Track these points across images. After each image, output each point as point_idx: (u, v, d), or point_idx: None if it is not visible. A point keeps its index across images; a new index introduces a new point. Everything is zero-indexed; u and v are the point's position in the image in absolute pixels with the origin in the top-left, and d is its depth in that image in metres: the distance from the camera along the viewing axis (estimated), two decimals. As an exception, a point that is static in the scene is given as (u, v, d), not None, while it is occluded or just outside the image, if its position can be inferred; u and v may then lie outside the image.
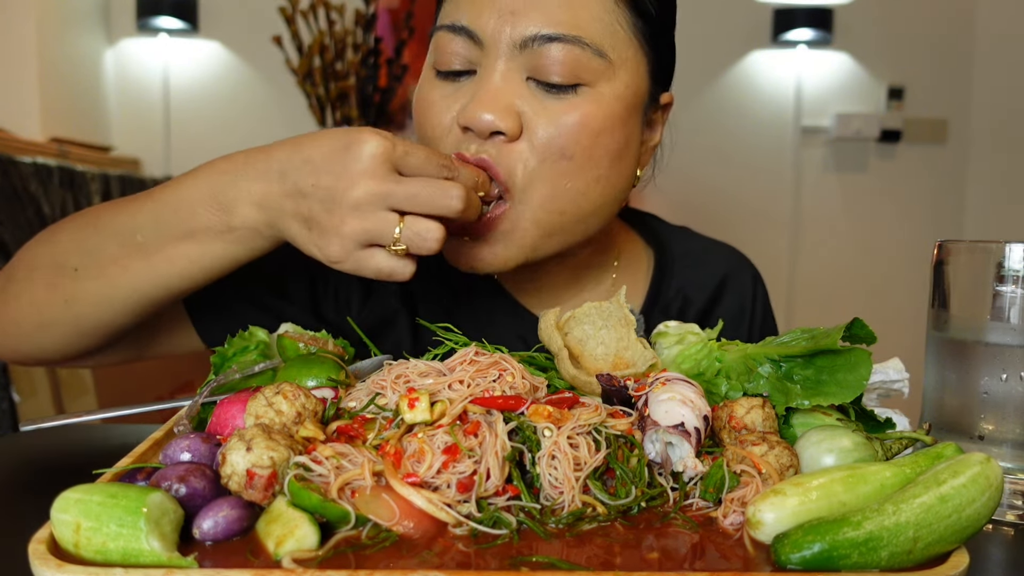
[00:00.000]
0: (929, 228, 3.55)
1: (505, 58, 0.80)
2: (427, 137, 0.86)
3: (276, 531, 0.49)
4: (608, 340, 0.79)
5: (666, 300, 1.03)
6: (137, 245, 0.76)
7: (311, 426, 0.59)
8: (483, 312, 1.00)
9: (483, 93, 0.80)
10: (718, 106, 3.47)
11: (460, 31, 0.82)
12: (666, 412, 0.60)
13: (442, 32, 0.83)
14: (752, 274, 1.10)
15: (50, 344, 0.83)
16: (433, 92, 0.85)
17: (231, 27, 3.37)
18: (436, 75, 0.85)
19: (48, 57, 2.88)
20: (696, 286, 1.05)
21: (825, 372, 0.66)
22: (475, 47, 0.82)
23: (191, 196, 0.75)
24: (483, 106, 0.79)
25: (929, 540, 0.49)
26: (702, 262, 1.07)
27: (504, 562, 0.48)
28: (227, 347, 0.80)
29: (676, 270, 1.05)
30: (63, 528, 0.47)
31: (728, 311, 1.05)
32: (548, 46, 0.79)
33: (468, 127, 0.80)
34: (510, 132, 0.79)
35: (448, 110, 0.83)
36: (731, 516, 0.55)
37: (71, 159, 2.69)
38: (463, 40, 0.82)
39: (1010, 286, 0.67)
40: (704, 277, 1.05)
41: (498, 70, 0.80)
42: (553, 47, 0.79)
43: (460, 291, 1.01)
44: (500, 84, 0.80)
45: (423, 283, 1.00)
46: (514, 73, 0.81)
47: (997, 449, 0.68)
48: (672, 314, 1.02)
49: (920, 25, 3.48)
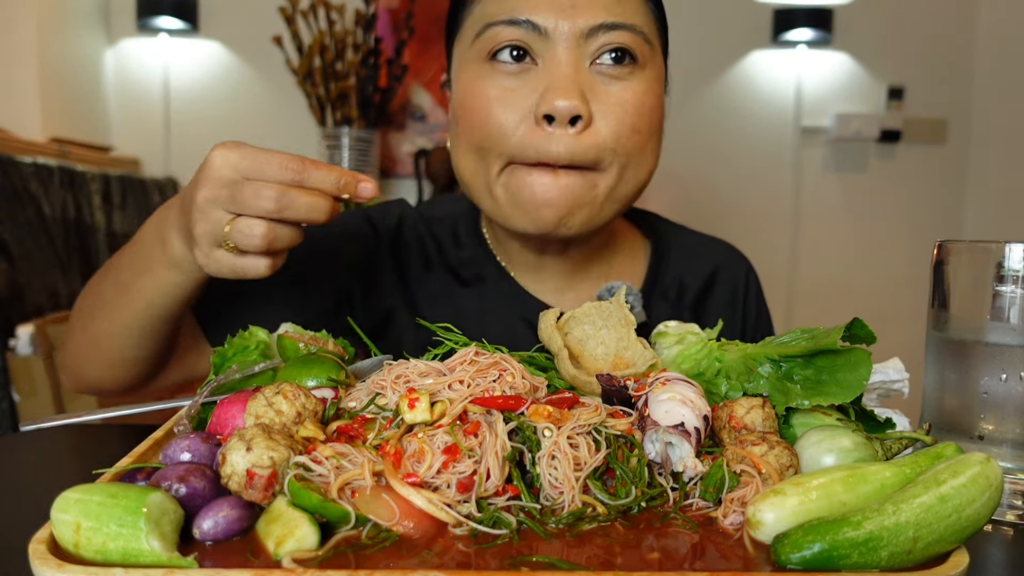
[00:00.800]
0: (929, 228, 3.55)
1: (570, 47, 0.87)
2: (489, 136, 0.89)
3: (276, 531, 0.49)
4: (608, 340, 0.79)
5: (663, 286, 1.09)
6: (121, 284, 0.86)
7: (311, 426, 0.59)
8: (489, 297, 1.05)
9: (560, 80, 0.86)
10: (718, 106, 3.47)
11: (522, 24, 0.87)
12: (666, 412, 0.60)
13: (500, 26, 0.88)
14: (745, 266, 1.17)
15: (96, 376, 0.93)
16: (493, 88, 0.89)
17: (231, 27, 3.37)
18: (492, 71, 0.89)
19: (48, 57, 2.88)
20: (691, 274, 1.11)
21: (825, 372, 0.66)
22: (537, 38, 0.88)
23: (148, 235, 0.84)
24: (563, 92, 0.85)
25: (929, 540, 0.49)
26: (697, 253, 1.14)
27: (504, 562, 0.48)
28: (227, 347, 0.80)
29: (672, 259, 1.12)
30: (63, 528, 0.47)
31: (721, 298, 1.12)
32: (611, 33, 0.87)
33: (550, 115, 0.85)
34: (587, 116, 0.87)
35: (514, 103, 0.88)
36: (731, 516, 0.55)
37: (71, 159, 2.69)
38: (523, 32, 0.88)
39: (1010, 286, 0.67)
40: (698, 266, 1.12)
41: (565, 59, 0.87)
42: (616, 34, 0.88)
43: (467, 280, 1.06)
44: (571, 72, 0.87)
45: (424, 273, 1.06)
46: (580, 61, 0.88)
47: (997, 449, 0.68)
48: (670, 298, 1.09)
49: (920, 25, 3.48)
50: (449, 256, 1.07)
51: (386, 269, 1.06)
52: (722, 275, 1.13)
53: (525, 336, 1.02)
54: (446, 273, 1.06)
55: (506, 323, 1.04)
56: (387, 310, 1.05)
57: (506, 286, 1.05)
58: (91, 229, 2.63)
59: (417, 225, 1.09)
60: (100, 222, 2.69)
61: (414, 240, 1.07)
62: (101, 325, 0.88)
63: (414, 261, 1.06)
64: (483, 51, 0.90)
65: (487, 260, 1.07)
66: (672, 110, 1.00)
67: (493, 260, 1.07)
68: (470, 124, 0.91)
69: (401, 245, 1.07)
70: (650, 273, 1.10)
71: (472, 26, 0.92)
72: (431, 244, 1.08)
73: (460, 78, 0.93)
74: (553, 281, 1.06)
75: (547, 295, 1.06)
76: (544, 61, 0.88)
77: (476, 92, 0.90)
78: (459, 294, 1.05)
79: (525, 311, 1.04)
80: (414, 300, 1.05)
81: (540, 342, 0.79)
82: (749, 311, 1.14)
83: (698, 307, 1.11)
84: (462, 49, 0.94)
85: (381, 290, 1.05)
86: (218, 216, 0.71)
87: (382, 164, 3.35)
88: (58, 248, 2.41)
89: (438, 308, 1.04)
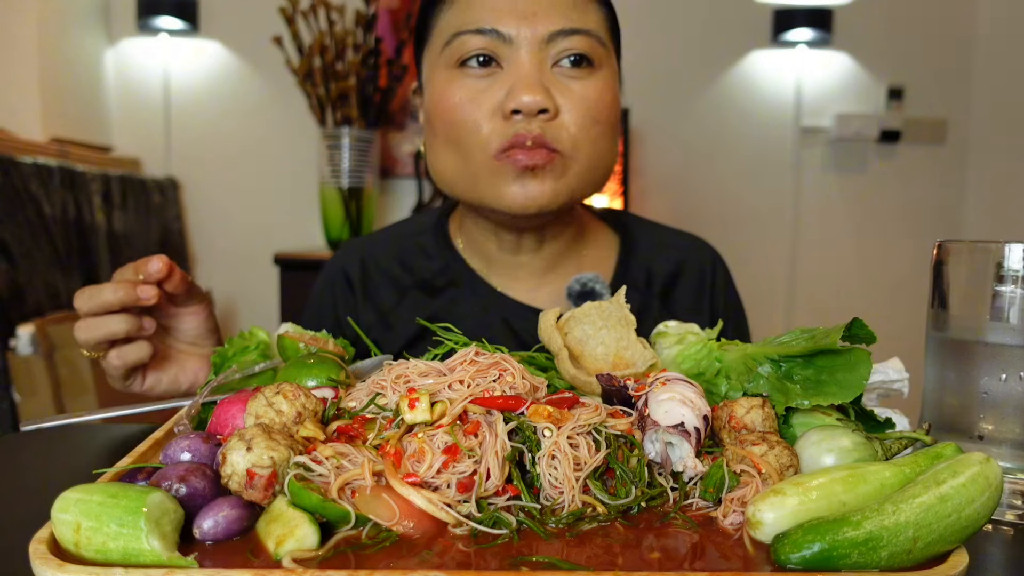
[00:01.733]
0: (929, 228, 3.55)
1: (533, 51, 0.95)
2: (468, 133, 0.97)
3: (276, 531, 0.49)
4: (608, 340, 0.79)
5: (632, 277, 1.15)
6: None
7: (311, 426, 0.59)
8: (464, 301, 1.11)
9: (524, 79, 0.94)
10: (718, 106, 3.47)
11: (487, 32, 0.95)
12: (666, 412, 0.60)
13: (468, 35, 0.96)
14: (711, 255, 1.22)
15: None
16: (462, 90, 0.97)
17: (231, 27, 3.37)
18: (461, 75, 0.97)
19: (48, 57, 2.88)
20: (658, 264, 1.17)
21: (825, 372, 0.66)
22: (502, 45, 0.95)
23: None
24: (528, 89, 0.93)
25: (929, 540, 0.49)
26: (664, 245, 1.20)
27: (504, 562, 0.48)
28: (227, 347, 0.80)
29: (640, 251, 1.17)
30: (63, 528, 0.47)
31: (689, 286, 1.17)
32: (570, 38, 0.96)
33: (517, 110, 0.93)
34: (552, 109, 0.94)
35: (484, 103, 0.96)
36: (731, 516, 0.55)
37: (71, 159, 2.69)
38: (488, 40, 0.95)
39: (1009, 286, 0.67)
40: (666, 256, 1.18)
41: (529, 61, 0.95)
42: (574, 38, 0.96)
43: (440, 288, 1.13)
44: (534, 72, 0.95)
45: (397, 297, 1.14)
46: (542, 63, 0.96)
47: (997, 449, 0.68)
48: (639, 287, 1.15)
49: (920, 25, 3.47)
50: (418, 271, 1.14)
51: (365, 311, 1.14)
52: (689, 264, 1.19)
53: (503, 335, 1.07)
54: (417, 291, 1.13)
55: (483, 324, 1.08)
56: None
57: (480, 289, 1.11)
58: (91, 229, 2.63)
59: (378, 258, 1.16)
60: (100, 222, 2.69)
61: (379, 273, 1.15)
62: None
63: (386, 295, 1.14)
64: (452, 58, 0.97)
65: (459, 267, 1.12)
66: (672, 110, 1.02)
67: (464, 266, 1.12)
68: (444, 123, 0.98)
69: (371, 284, 1.15)
70: (619, 265, 1.15)
71: (440, 35, 0.99)
72: (398, 269, 1.15)
73: (432, 83, 1.01)
74: (528, 279, 1.11)
75: (521, 293, 1.11)
76: (509, 64, 0.96)
77: (448, 95, 0.97)
78: (433, 305, 1.11)
79: (501, 311, 1.09)
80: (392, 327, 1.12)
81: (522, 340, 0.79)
82: (717, 298, 1.19)
83: (666, 295, 1.16)
84: (432, 57, 1.01)
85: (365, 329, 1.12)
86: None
87: (382, 164, 3.35)
88: (58, 248, 2.41)
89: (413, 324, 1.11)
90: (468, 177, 0.99)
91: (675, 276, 1.17)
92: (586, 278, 1.06)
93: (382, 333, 1.11)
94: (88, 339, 0.88)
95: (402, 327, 1.11)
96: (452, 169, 1.01)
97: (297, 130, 3.33)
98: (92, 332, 0.87)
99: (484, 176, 0.98)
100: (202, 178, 3.39)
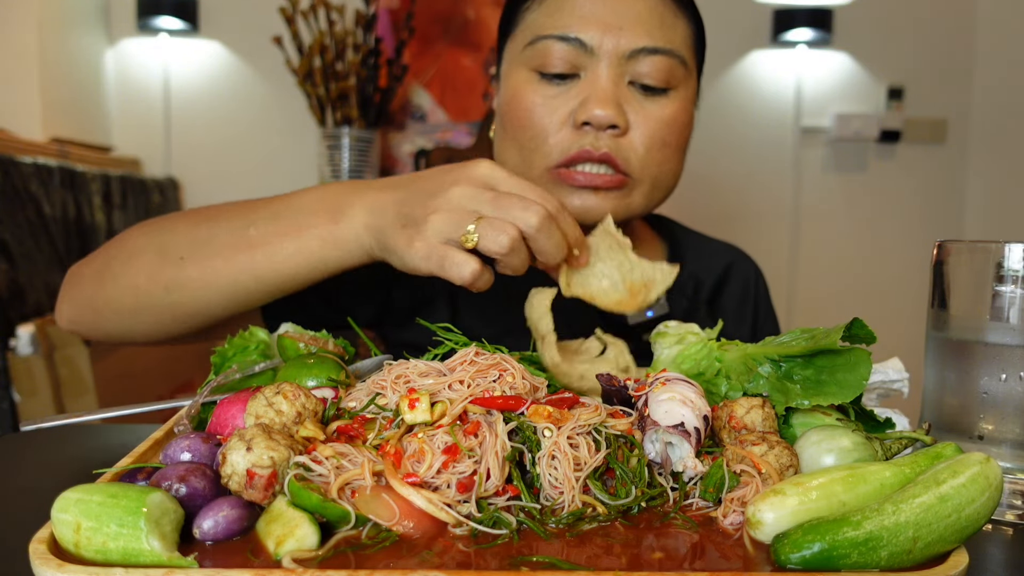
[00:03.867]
0: (929, 228, 3.55)
1: (612, 65, 0.95)
2: (533, 137, 0.96)
3: (276, 531, 0.49)
4: (608, 271, 0.77)
5: (680, 283, 1.14)
6: (247, 238, 0.82)
7: (311, 426, 0.59)
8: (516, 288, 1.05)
9: (599, 92, 0.94)
10: (718, 106, 3.47)
11: (570, 40, 0.95)
12: (666, 412, 0.60)
13: (549, 41, 0.96)
14: (754, 267, 1.25)
15: (141, 328, 0.90)
16: (537, 95, 0.97)
17: (231, 27, 3.37)
18: (539, 79, 0.97)
19: (48, 57, 2.88)
20: (705, 272, 1.18)
21: (825, 372, 0.65)
22: (583, 54, 0.95)
23: (310, 199, 0.83)
24: (601, 103, 0.93)
25: (929, 540, 0.49)
26: (709, 253, 1.22)
27: (504, 562, 0.48)
28: (227, 347, 0.80)
29: (688, 259, 1.18)
30: (63, 528, 0.47)
31: (735, 293, 1.19)
32: (651, 57, 0.95)
33: (588, 122, 0.93)
34: (623, 126, 0.94)
35: (556, 110, 0.96)
36: (731, 516, 0.55)
37: (71, 159, 2.69)
38: (571, 48, 0.95)
39: (1009, 286, 0.67)
40: (712, 265, 1.20)
41: (606, 75, 0.95)
42: (655, 58, 0.95)
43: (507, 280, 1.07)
44: (610, 86, 0.94)
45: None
46: (620, 78, 0.95)
47: (997, 449, 0.68)
48: (688, 293, 1.15)
49: (920, 25, 3.47)
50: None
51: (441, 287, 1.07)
52: (734, 273, 1.20)
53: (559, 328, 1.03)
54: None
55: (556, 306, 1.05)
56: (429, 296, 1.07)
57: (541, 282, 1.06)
58: (91, 229, 2.63)
59: None
60: (100, 222, 2.69)
61: None
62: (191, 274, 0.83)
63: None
64: (532, 60, 0.97)
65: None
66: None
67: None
68: (514, 124, 0.99)
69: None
70: None
71: (524, 33, 0.99)
72: None
73: (509, 79, 1.00)
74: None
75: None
76: (587, 74, 0.95)
77: (522, 96, 0.98)
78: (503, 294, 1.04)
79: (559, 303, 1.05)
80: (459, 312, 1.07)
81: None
82: (760, 308, 1.21)
83: (713, 302, 1.17)
84: (513, 51, 1.01)
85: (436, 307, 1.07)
86: (466, 212, 0.72)
87: (382, 164, 3.35)
88: (58, 248, 2.41)
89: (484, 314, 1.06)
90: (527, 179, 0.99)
91: (721, 284, 1.19)
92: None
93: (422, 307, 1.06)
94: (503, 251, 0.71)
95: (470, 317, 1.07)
96: (512, 168, 1.00)
97: (297, 130, 3.33)
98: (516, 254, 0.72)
99: (542, 184, 0.97)
100: (202, 178, 3.39)
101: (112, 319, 0.90)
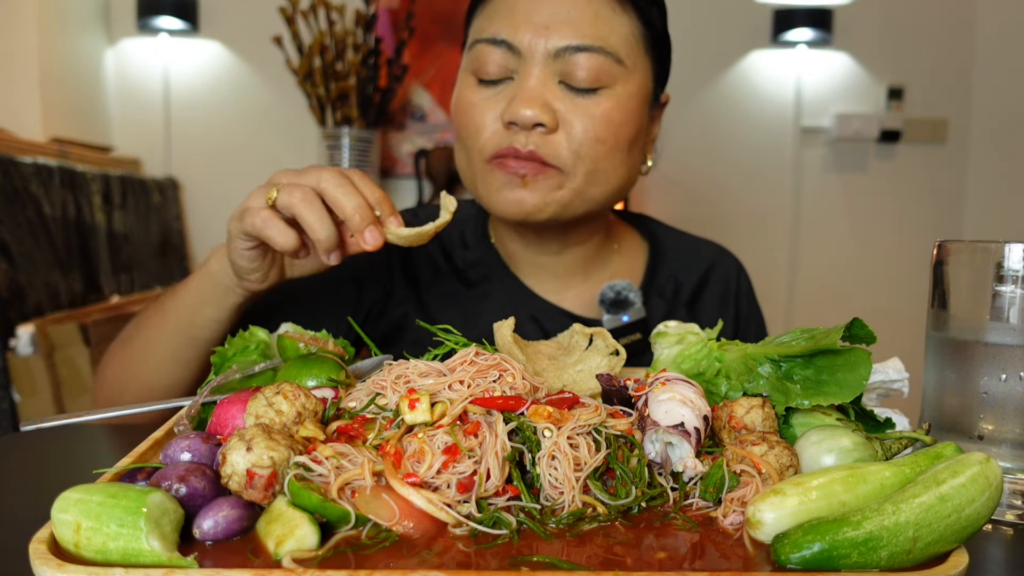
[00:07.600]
0: (929, 228, 3.55)
1: (540, 65, 0.96)
2: (470, 135, 1.00)
3: (276, 531, 0.49)
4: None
5: (660, 283, 1.16)
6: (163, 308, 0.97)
7: (311, 426, 0.59)
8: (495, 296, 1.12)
9: (524, 93, 0.95)
10: (718, 106, 3.47)
11: (500, 43, 0.97)
12: (666, 412, 0.60)
13: (482, 45, 0.99)
14: (736, 264, 1.24)
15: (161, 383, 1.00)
16: (474, 96, 1.00)
17: (231, 27, 3.37)
18: (477, 82, 1.00)
19: (48, 57, 2.88)
20: (686, 272, 1.19)
21: (825, 372, 0.65)
22: (513, 56, 0.97)
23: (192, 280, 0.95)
24: (525, 103, 0.94)
25: (929, 540, 0.49)
26: (691, 253, 1.22)
27: (504, 562, 0.48)
28: (227, 347, 0.80)
29: (668, 259, 1.19)
30: (63, 528, 0.47)
31: (715, 294, 1.19)
32: (577, 55, 0.95)
33: (513, 122, 0.95)
34: (549, 124, 0.95)
35: (490, 111, 0.98)
36: (731, 516, 0.55)
37: (71, 159, 2.69)
38: (502, 51, 0.97)
39: (1009, 286, 0.67)
40: (693, 265, 1.20)
41: (534, 75, 0.96)
42: (582, 56, 0.95)
43: (474, 281, 1.14)
44: (537, 86, 0.95)
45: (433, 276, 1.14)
46: (548, 77, 0.96)
47: (997, 449, 0.68)
48: (667, 295, 1.16)
49: (920, 25, 3.47)
50: (456, 260, 1.15)
51: (400, 280, 1.13)
52: (715, 273, 1.20)
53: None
54: (453, 278, 1.14)
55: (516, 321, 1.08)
56: (401, 317, 1.12)
57: (511, 284, 1.12)
58: (91, 229, 2.63)
59: None
60: (100, 222, 2.68)
61: (422, 250, 1.16)
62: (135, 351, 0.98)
63: (423, 270, 1.14)
64: (471, 65, 1.01)
65: (493, 260, 1.14)
66: (672, 111, 1.02)
67: (499, 259, 1.14)
68: (457, 123, 1.04)
69: (411, 256, 1.15)
70: (648, 272, 1.17)
71: (469, 38, 1.03)
72: (438, 253, 1.16)
73: (457, 84, 1.05)
74: (552, 281, 1.12)
75: (548, 294, 1.12)
76: (518, 76, 0.97)
77: (461, 100, 1.02)
78: (466, 296, 1.12)
79: (531, 308, 1.11)
80: (425, 306, 1.12)
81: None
82: (741, 307, 1.21)
83: (693, 304, 1.17)
84: (464, 57, 1.05)
85: (397, 299, 1.13)
86: (274, 184, 0.82)
87: (382, 164, 3.35)
88: (58, 248, 2.41)
89: (448, 311, 1.11)
90: (471, 176, 1.04)
91: (701, 286, 1.19)
92: (620, 286, 1.08)
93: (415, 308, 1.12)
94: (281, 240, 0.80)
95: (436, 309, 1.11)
96: (462, 166, 1.06)
97: (297, 130, 3.33)
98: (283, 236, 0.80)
99: (480, 177, 1.01)
100: (202, 178, 3.39)
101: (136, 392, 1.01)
